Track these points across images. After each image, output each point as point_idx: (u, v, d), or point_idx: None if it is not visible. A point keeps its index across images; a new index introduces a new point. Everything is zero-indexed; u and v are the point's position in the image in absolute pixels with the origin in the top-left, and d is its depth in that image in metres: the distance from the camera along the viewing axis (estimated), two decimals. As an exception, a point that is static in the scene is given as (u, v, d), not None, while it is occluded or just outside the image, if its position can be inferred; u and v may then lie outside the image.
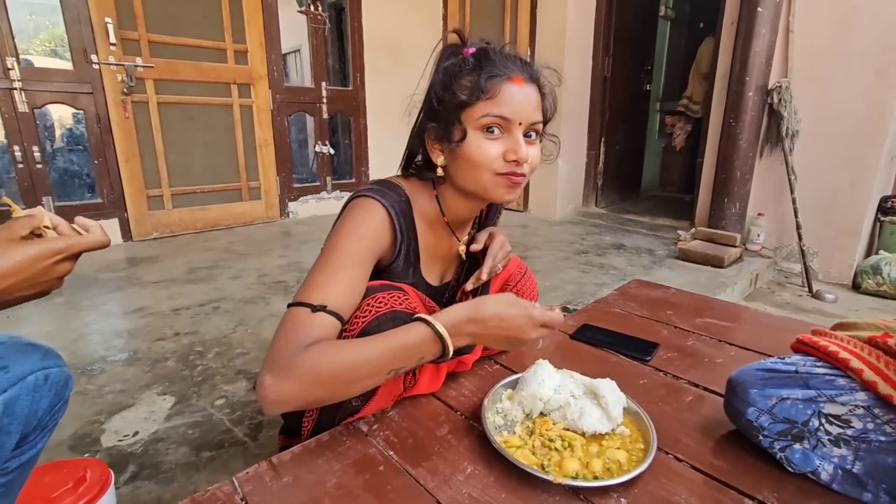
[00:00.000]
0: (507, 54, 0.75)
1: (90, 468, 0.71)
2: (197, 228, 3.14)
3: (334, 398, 0.66)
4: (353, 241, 0.72)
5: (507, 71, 0.72)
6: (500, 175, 0.74)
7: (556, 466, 0.64)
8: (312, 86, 3.57)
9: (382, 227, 0.75)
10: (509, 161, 0.73)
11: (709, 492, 0.62)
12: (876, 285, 2.38)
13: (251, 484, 0.63)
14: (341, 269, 0.70)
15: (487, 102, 0.71)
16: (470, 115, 0.72)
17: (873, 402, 0.59)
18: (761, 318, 1.25)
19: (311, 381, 0.61)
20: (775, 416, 0.64)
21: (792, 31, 2.51)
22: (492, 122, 0.72)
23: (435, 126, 0.76)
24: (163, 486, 1.00)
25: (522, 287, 1.01)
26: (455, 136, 0.73)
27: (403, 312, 0.73)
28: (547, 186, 3.63)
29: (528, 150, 0.74)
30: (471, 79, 0.72)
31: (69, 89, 2.58)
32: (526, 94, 0.73)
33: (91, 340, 1.66)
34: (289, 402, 0.61)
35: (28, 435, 0.55)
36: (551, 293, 2.11)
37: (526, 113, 0.73)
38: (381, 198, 0.75)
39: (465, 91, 0.71)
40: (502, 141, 0.73)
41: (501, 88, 0.71)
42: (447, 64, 0.75)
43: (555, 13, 3.32)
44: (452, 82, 0.73)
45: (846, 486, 0.61)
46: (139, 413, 1.25)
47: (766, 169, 2.72)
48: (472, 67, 0.73)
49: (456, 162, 0.76)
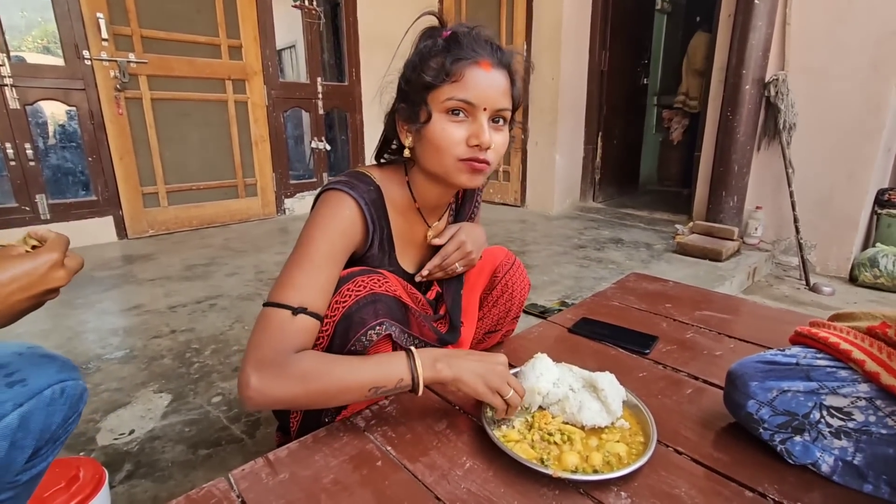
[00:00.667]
0: (479, 38, 0.73)
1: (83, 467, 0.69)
2: (193, 226, 3.12)
3: (311, 406, 0.70)
4: (326, 238, 0.72)
5: (475, 55, 0.71)
6: (462, 161, 0.73)
7: (556, 460, 0.64)
8: (308, 81, 3.54)
9: (353, 221, 0.75)
10: (472, 146, 0.72)
11: (709, 484, 0.61)
12: (873, 278, 2.39)
13: (247, 481, 0.62)
14: (317, 268, 0.70)
15: (452, 85, 0.70)
16: (435, 98, 0.72)
17: (875, 394, 0.59)
18: (760, 310, 1.24)
19: (299, 386, 0.63)
20: (776, 408, 0.63)
21: (789, 23, 2.50)
22: (455, 106, 0.71)
23: (404, 107, 0.76)
24: (159, 484, 0.99)
25: (511, 277, 1.00)
26: (421, 117, 0.73)
27: (384, 294, 0.74)
28: (545, 181, 3.62)
29: (493, 136, 0.73)
30: (438, 61, 0.71)
31: (61, 85, 2.56)
32: (493, 79, 0.72)
33: (86, 339, 1.64)
34: (272, 402, 0.64)
35: (41, 448, 0.54)
36: (549, 288, 2.10)
37: (492, 98, 0.72)
38: (350, 190, 0.75)
39: (432, 73, 0.71)
40: (466, 125, 0.72)
41: (467, 72, 0.70)
42: (420, 46, 0.75)
43: (551, 7, 3.30)
44: (421, 64, 0.73)
45: (847, 478, 0.61)
46: (135, 411, 1.24)
47: (763, 162, 2.71)
48: (440, 50, 0.72)
49: (422, 144, 0.76)
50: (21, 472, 0.53)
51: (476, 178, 0.76)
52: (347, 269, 0.76)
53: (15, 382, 0.50)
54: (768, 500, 0.58)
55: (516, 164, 3.73)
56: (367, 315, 0.71)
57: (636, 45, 4.04)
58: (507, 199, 3.87)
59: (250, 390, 0.61)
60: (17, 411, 0.49)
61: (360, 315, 0.71)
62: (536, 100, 3.51)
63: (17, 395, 0.50)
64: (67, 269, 0.50)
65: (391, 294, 0.76)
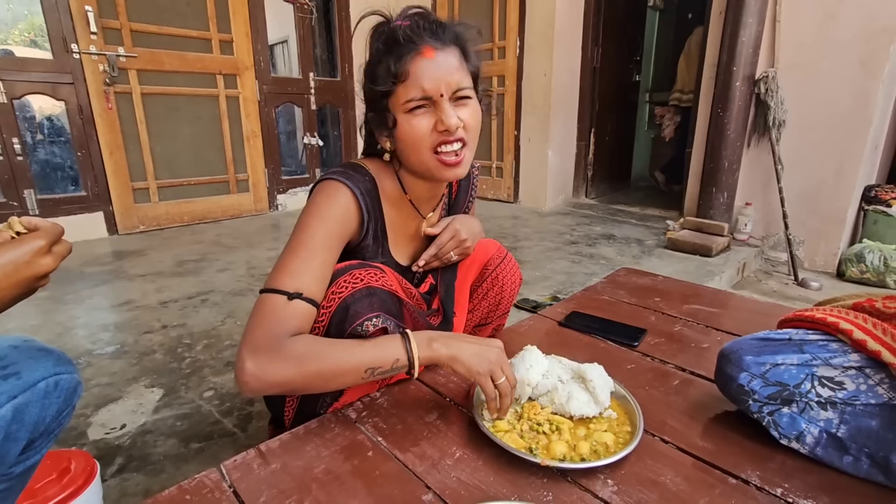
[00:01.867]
0: (415, 27, 0.72)
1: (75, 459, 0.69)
2: (184, 221, 3.10)
3: (309, 390, 0.68)
4: (322, 226, 0.73)
5: (414, 45, 0.70)
6: (437, 155, 0.74)
7: (544, 449, 0.65)
8: (300, 76, 3.53)
9: (348, 209, 0.76)
10: (441, 132, 0.72)
11: (694, 472, 0.63)
12: (860, 273, 2.42)
13: (239, 471, 0.63)
14: (313, 254, 0.71)
15: (404, 86, 0.71)
16: (394, 103, 0.73)
17: (865, 363, 0.61)
18: (748, 304, 1.26)
19: (294, 368, 0.63)
20: (767, 379, 0.65)
21: (779, 21, 2.52)
22: (414, 106, 0.71)
23: (373, 115, 0.78)
24: (151, 477, 0.99)
25: (502, 271, 1.01)
26: (388, 122, 0.75)
27: (379, 289, 0.74)
28: (537, 177, 3.63)
29: (461, 113, 0.73)
30: (384, 66, 0.72)
31: (49, 79, 2.53)
32: (440, 63, 0.71)
33: (76, 334, 1.63)
34: (269, 386, 0.63)
35: (34, 440, 0.54)
36: (541, 283, 2.11)
37: (445, 83, 0.71)
38: (346, 179, 0.76)
39: (381, 80, 0.71)
40: (430, 114, 0.72)
41: (412, 67, 0.70)
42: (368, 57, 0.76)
43: (544, 3, 3.30)
44: (371, 73, 0.74)
45: (829, 450, 0.62)
46: (126, 406, 1.24)
47: (753, 159, 2.74)
48: (383, 53, 0.72)
49: (399, 146, 0.77)
50: (15, 464, 0.53)
51: (456, 169, 0.76)
52: (345, 262, 0.76)
53: (10, 375, 0.50)
54: (750, 486, 0.60)
55: (509, 161, 3.74)
56: (363, 307, 0.71)
57: (628, 42, 4.06)
58: (500, 195, 3.88)
59: (246, 374, 0.62)
60: (11, 403, 0.49)
61: (356, 307, 0.71)
62: (529, 96, 3.52)
63: (12, 388, 0.50)
64: (55, 255, 0.49)
65: (387, 288, 0.76)
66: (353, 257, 0.80)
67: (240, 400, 1.26)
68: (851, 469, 0.62)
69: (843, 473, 0.62)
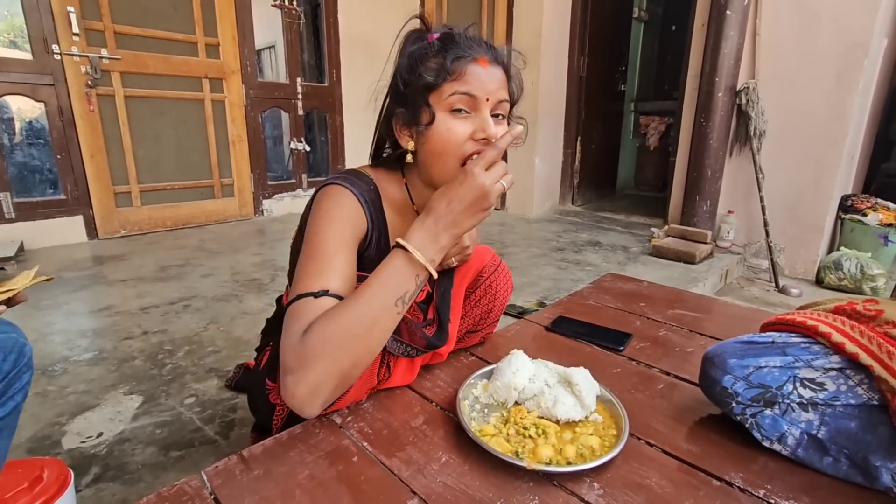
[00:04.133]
0: (472, 37, 0.75)
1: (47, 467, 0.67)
2: (167, 226, 3.05)
3: (360, 360, 0.62)
4: (334, 227, 0.70)
5: (472, 52, 0.72)
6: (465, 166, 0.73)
7: (530, 453, 0.65)
8: (287, 81, 3.51)
9: (357, 212, 0.74)
10: (478, 139, 0.71)
11: (679, 474, 0.63)
12: (837, 280, 2.48)
13: (220, 478, 0.61)
14: (332, 255, 0.68)
15: (454, 82, 0.71)
16: (437, 97, 0.71)
17: (846, 364, 0.62)
18: (731, 309, 1.28)
19: (328, 352, 0.58)
20: (750, 382, 0.66)
21: (759, 34, 2.59)
22: (459, 101, 0.71)
23: (402, 111, 0.75)
24: (128, 486, 0.96)
25: (495, 279, 1.01)
26: (423, 118, 0.72)
27: None
28: (524, 185, 3.66)
29: (496, 129, 0.73)
30: (436, 61, 0.72)
31: (28, 80, 2.48)
32: (491, 73, 0.73)
33: (53, 340, 1.59)
34: (319, 389, 0.59)
35: None
36: (528, 289, 2.12)
37: (492, 90, 0.72)
38: (349, 185, 0.74)
39: (432, 73, 0.71)
40: (470, 120, 0.72)
41: (467, 69, 0.71)
42: (412, 49, 0.75)
43: (531, 13, 3.35)
44: (418, 66, 0.72)
45: (810, 452, 0.63)
46: (104, 413, 1.20)
47: (735, 168, 2.80)
48: (437, 50, 0.72)
49: (425, 147, 0.74)
50: None
51: None
52: None
53: None
54: (734, 488, 0.60)
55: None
56: None
57: (614, 52, 4.13)
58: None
59: (288, 391, 0.58)
60: None
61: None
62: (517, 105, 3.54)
63: None
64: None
65: None
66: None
67: (222, 407, 1.24)
68: (831, 470, 0.63)
69: (824, 474, 0.63)
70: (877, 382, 0.60)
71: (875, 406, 0.61)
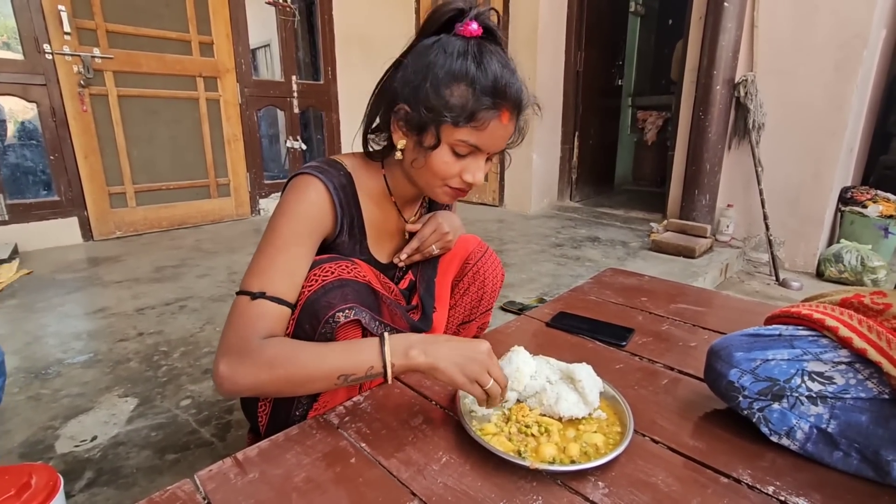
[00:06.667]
0: (504, 64, 0.70)
1: (36, 473, 0.65)
2: (163, 227, 3.03)
3: (281, 394, 0.69)
4: (289, 222, 0.71)
5: (501, 105, 0.69)
6: (448, 186, 0.75)
7: (533, 452, 0.63)
8: (282, 80, 3.49)
9: (319, 204, 0.73)
10: (465, 181, 0.74)
11: (685, 472, 0.61)
12: (838, 273, 2.47)
13: (214, 481, 0.59)
14: (279, 251, 0.69)
15: (470, 130, 0.70)
16: (448, 132, 0.70)
17: (855, 357, 0.60)
18: (733, 302, 1.27)
19: (264, 373, 0.63)
20: (758, 375, 0.64)
21: (756, 25, 2.57)
22: (466, 148, 0.71)
23: (407, 111, 0.72)
24: (122, 491, 0.95)
25: (483, 265, 1.00)
26: (425, 141, 0.72)
27: (352, 280, 0.72)
28: (522, 181, 3.64)
29: (485, 168, 0.76)
30: (464, 93, 0.68)
31: (20, 80, 2.45)
32: (506, 129, 0.73)
33: (46, 343, 1.57)
34: (241, 388, 0.64)
35: None
36: (527, 286, 2.10)
37: (499, 147, 0.74)
38: (318, 173, 0.74)
39: (455, 111, 0.68)
40: (465, 161, 0.73)
41: (490, 124, 0.69)
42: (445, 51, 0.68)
43: (527, 7, 3.33)
44: (446, 87, 0.68)
45: (819, 446, 0.62)
46: (98, 417, 1.18)
47: (734, 161, 2.78)
48: (468, 76, 0.67)
49: (416, 158, 0.74)
50: None
51: (454, 200, 0.80)
52: (316, 257, 0.74)
53: None
54: (742, 485, 0.59)
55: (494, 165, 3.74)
56: (335, 299, 0.69)
57: (611, 47, 4.11)
58: (486, 198, 3.88)
59: (218, 376, 0.63)
60: None
61: (327, 298, 0.69)
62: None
63: None
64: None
65: (360, 280, 0.74)
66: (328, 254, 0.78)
67: (218, 408, 1.22)
68: (842, 465, 0.61)
69: (834, 470, 0.61)
70: (887, 378, 0.59)
71: (886, 400, 0.60)
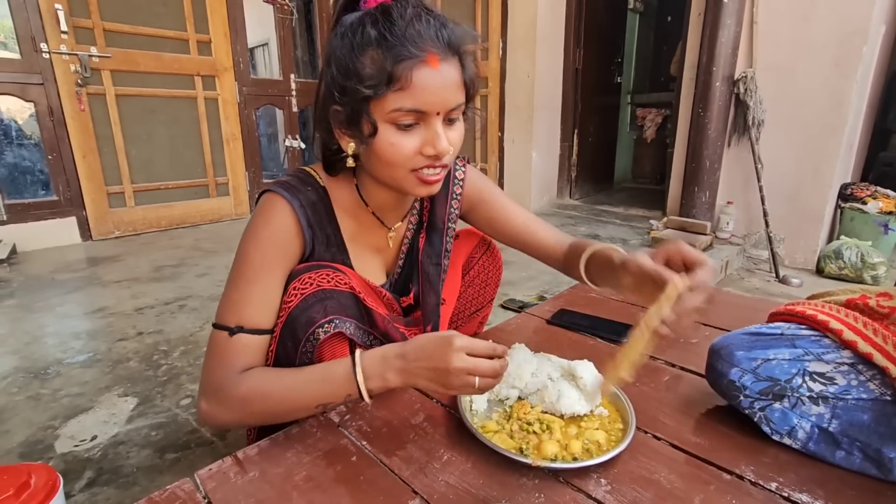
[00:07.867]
0: (417, 16, 0.59)
1: (35, 473, 0.65)
2: (161, 226, 3.02)
3: (267, 424, 0.69)
4: (257, 250, 0.67)
5: (419, 50, 0.58)
6: (416, 172, 0.65)
7: (535, 449, 0.63)
8: (281, 78, 3.48)
9: (286, 228, 0.69)
10: (428, 156, 0.63)
11: (688, 468, 0.61)
12: (838, 269, 2.47)
13: (214, 481, 0.59)
14: (251, 283, 0.66)
15: (397, 94, 0.59)
16: (379, 108, 0.61)
17: (857, 359, 0.60)
18: (735, 299, 1.26)
19: (243, 411, 0.64)
20: (758, 375, 0.64)
21: (756, 22, 2.57)
22: (405, 117, 0.61)
23: (339, 110, 0.64)
24: (123, 490, 0.94)
25: (486, 264, 0.99)
26: (364, 129, 0.62)
27: (332, 290, 0.68)
28: (521, 179, 3.63)
29: (450, 136, 0.64)
30: (374, 57, 0.59)
31: (17, 80, 2.44)
32: (444, 76, 0.60)
33: (46, 343, 1.56)
34: (222, 425, 0.67)
35: None
36: (527, 283, 2.10)
37: (445, 101, 0.61)
38: (284, 191, 0.69)
39: (370, 81, 0.59)
40: (418, 133, 0.63)
41: (414, 75, 0.58)
42: (343, 31, 0.61)
43: (526, 5, 3.32)
44: (354, 65, 0.60)
45: (821, 445, 0.61)
46: (98, 416, 1.18)
47: (733, 158, 2.78)
48: (373, 42, 0.59)
49: (368, 155, 0.66)
50: None
51: (433, 187, 0.68)
52: (298, 266, 0.70)
53: None
54: (745, 482, 0.58)
55: (493, 162, 3.73)
56: (316, 313, 0.66)
57: (610, 44, 4.10)
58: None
59: (201, 414, 0.65)
60: None
61: (308, 314, 0.66)
62: (512, 97, 3.52)
63: None
64: None
65: (342, 288, 0.69)
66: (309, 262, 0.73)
67: (218, 407, 1.21)
68: (844, 463, 0.61)
69: (837, 467, 0.61)
70: (892, 382, 0.58)
71: (888, 400, 0.59)
